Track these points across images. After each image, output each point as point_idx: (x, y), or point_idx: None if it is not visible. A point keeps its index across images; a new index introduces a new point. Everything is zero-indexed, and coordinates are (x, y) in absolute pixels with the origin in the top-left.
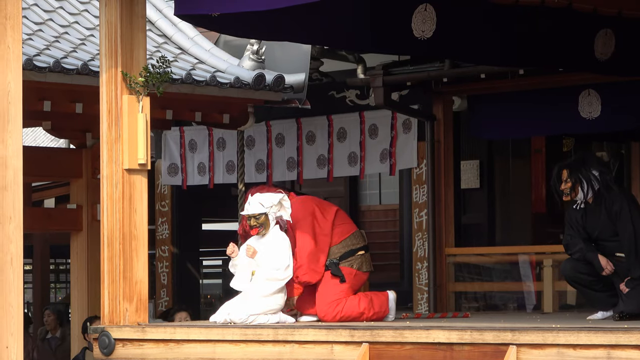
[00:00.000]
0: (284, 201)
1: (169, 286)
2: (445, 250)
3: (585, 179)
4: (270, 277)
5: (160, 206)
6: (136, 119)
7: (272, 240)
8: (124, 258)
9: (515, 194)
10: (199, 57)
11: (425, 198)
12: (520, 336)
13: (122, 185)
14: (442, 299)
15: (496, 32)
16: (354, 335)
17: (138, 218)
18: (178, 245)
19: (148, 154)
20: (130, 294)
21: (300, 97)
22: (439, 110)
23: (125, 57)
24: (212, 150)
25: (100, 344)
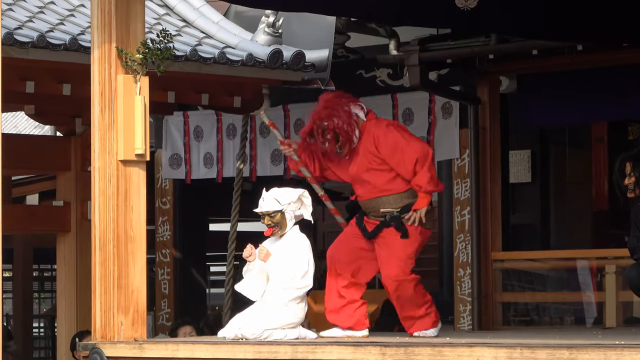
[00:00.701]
0: (305, 197)
1: (170, 296)
2: (492, 255)
3: None
4: (287, 286)
5: (161, 203)
6: (133, 102)
7: (290, 243)
8: (118, 263)
9: (572, 190)
10: (206, 30)
11: (469, 194)
12: (579, 354)
13: (116, 179)
14: (487, 311)
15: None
16: (385, 353)
17: (135, 217)
18: (181, 249)
19: (147, 143)
20: (125, 305)
21: (323, 76)
22: (484, 92)
23: (120, 30)
24: (221, 138)
25: None
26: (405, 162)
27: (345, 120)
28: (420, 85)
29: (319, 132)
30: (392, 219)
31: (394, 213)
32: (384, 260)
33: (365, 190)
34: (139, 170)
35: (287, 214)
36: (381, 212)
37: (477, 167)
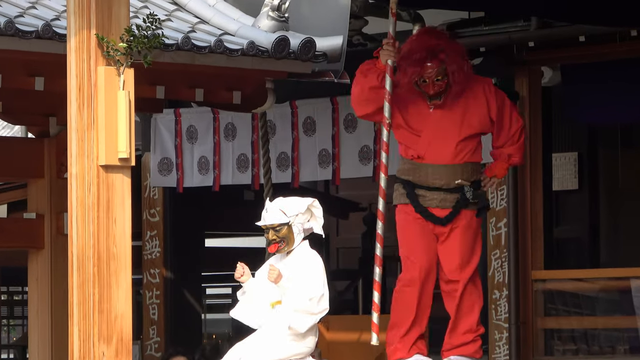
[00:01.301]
0: (314, 208)
1: (160, 322)
2: (532, 274)
3: None
4: (301, 310)
5: (149, 215)
6: (116, 98)
7: (300, 261)
8: (99, 285)
9: (626, 198)
10: (201, 14)
11: (505, 204)
12: None
13: (96, 188)
14: (527, 339)
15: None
16: None
17: (118, 231)
18: (173, 268)
19: (132, 145)
20: (108, 332)
21: (337, 68)
22: (523, 85)
23: (100, 15)
24: (219, 140)
25: None
26: (512, 126)
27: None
28: None
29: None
30: (476, 195)
31: (469, 188)
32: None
33: (447, 152)
34: (123, 177)
35: (295, 227)
36: (455, 183)
37: (516, 172)
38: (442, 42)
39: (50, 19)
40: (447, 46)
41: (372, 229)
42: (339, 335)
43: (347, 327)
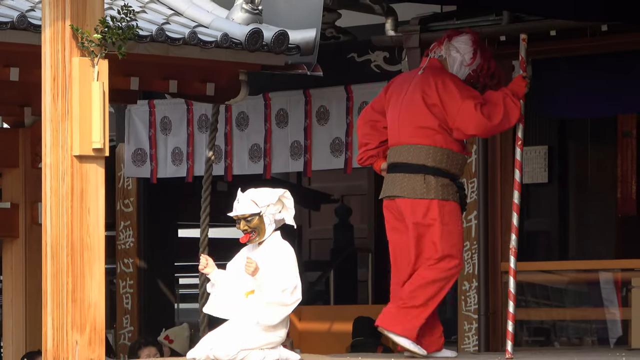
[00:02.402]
0: (286, 199)
1: (134, 312)
2: (502, 266)
3: None
4: (275, 302)
5: (123, 205)
6: (90, 89)
7: (272, 252)
8: (72, 274)
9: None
10: (175, 6)
11: (475, 196)
12: None
13: (70, 178)
14: (496, 331)
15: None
16: None
17: (92, 221)
18: (146, 258)
19: (106, 136)
20: (81, 321)
21: (310, 60)
22: None
23: (75, 6)
24: (192, 131)
25: None
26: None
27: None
28: None
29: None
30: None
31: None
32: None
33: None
34: (96, 168)
35: (266, 217)
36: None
37: (486, 165)
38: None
39: (25, 10)
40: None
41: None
42: (310, 325)
43: (318, 317)
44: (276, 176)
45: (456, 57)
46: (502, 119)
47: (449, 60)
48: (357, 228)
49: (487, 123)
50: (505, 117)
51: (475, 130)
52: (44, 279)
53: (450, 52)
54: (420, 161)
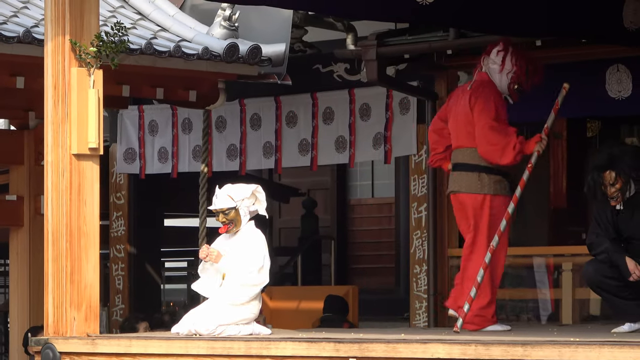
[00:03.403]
0: (258, 193)
1: (124, 292)
2: (448, 252)
3: (635, 172)
4: (244, 282)
5: (115, 198)
6: (87, 95)
7: (245, 239)
8: (71, 258)
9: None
10: (162, 23)
11: (425, 190)
12: (533, 351)
13: (69, 174)
14: (443, 309)
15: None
16: (339, 349)
17: (88, 212)
18: (136, 244)
19: (100, 136)
20: (78, 300)
21: (280, 71)
22: (442, 87)
23: (74, 22)
24: (176, 133)
25: (43, 358)
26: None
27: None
28: (378, 81)
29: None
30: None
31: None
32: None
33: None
34: (92, 165)
35: (242, 210)
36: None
37: None
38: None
39: (30, 26)
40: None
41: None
42: (281, 304)
43: (288, 296)
44: (250, 172)
45: (494, 68)
46: (498, 151)
47: (490, 72)
48: (322, 218)
49: (486, 144)
50: (500, 152)
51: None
52: (46, 263)
53: (489, 64)
54: (475, 161)
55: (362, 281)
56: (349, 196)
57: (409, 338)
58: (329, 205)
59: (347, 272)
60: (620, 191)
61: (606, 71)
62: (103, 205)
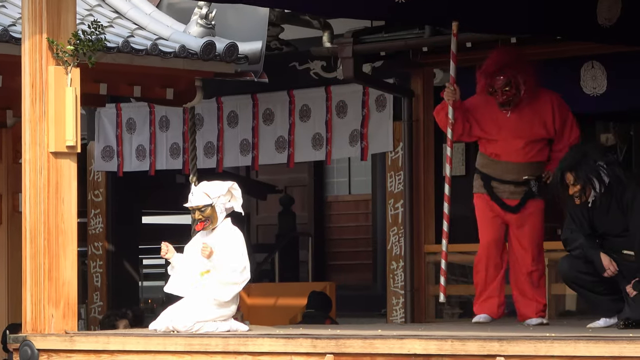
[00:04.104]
0: (234, 190)
1: (103, 289)
2: (425, 248)
3: (595, 175)
4: (227, 281)
5: (93, 196)
6: (64, 93)
7: (223, 237)
8: (49, 256)
9: None
10: (138, 22)
11: (402, 187)
12: (509, 347)
13: (47, 171)
14: (420, 305)
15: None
16: (316, 345)
17: (66, 209)
18: (114, 242)
19: (78, 134)
20: (56, 297)
21: (257, 69)
22: (418, 85)
23: (51, 21)
24: (154, 130)
25: (21, 356)
26: (571, 136)
27: (532, 78)
28: (354, 78)
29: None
30: (540, 189)
31: (535, 182)
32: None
33: (518, 151)
34: (70, 162)
35: (218, 207)
36: (523, 178)
37: (411, 160)
38: (511, 59)
39: (7, 25)
40: (515, 62)
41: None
42: (258, 300)
43: (265, 293)
44: (227, 170)
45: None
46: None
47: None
48: (299, 215)
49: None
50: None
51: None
52: (24, 260)
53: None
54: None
55: (339, 278)
56: (326, 193)
57: (386, 334)
58: (306, 202)
59: (325, 268)
60: (580, 192)
61: (581, 68)
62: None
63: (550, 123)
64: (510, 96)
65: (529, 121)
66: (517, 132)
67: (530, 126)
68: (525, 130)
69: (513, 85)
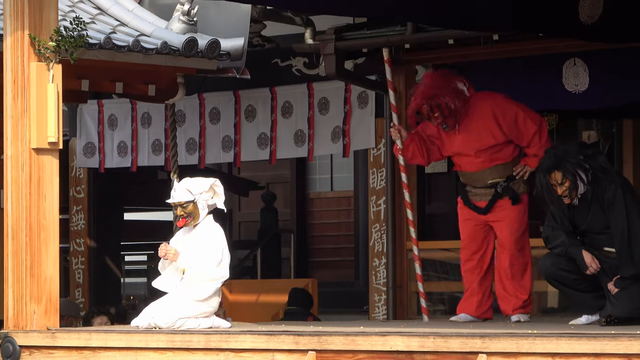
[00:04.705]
0: (217, 186)
1: (85, 285)
2: (407, 245)
3: (582, 169)
4: (204, 278)
5: (75, 192)
6: (46, 90)
7: (203, 233)
8: (31, 252)
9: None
10: (120, 18)
11: (384, 184)
12: (491, 343)
13: (29, 168)
14: (402, 301)
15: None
16: (298, 342)
17: (48, 206)
18: (96, 238)
19: (60, 131)
20: (38, 293)
21: (239, 65)
22: (400, 81)
23: (33, 17)
24: (136, 127)
25: (3, 352)
26: (528, 131)
27: (454, 97)
28: (336, 75)
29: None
30: (505, 189)
31: (502, 183)
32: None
33: (472, 161)
34: (52, 159)
35: (200, 203)
36: (489, 182)
37: (393, 156)
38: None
39: None
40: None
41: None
42: (240, 297)
43: (247, 289)
44: (210, 166)
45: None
46: None
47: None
48: (281, 212)
49: None
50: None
51: None
52: (6, 256)
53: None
54: None
55: (321, 274)
56: (308, 189)
57: (368, 331)
58: (288, 198)
59: (307, 265)
60: (570, 189)
61: (563, 65)
62: (63, 199)
63: (496, 129)
64: (442, 119)
65: (475, 132)
66: (465, 146)
67: (477, 137)
68: (473, 142)
69: (436, 109)
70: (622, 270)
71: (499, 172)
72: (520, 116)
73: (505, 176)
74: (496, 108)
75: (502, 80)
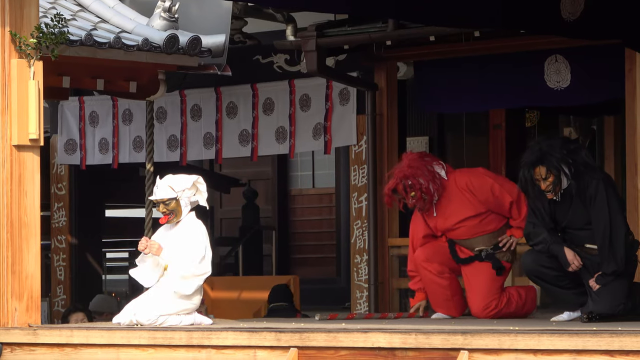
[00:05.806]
0: (199, 184)
1: (66, 282)
2: (388, 241)
3: (565, 163)
4: (187, 274)
5: (57, 189)
6: (27, 87)
7: (185, 230)
8: (12, 249)
9: None
10: (101, 15)
11: (366, 181)
12: (473, 340)
13: (10, 165)
14: (384, 298)
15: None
16: (280, 339)
17: (29, 202)
18: (77, 235)
19: (41, 128)
20: (19, 290)
21: (220, 62)
22: (382, 78)
23: (14, 14)
24: (117, 124)
25: None
26: (503, 204)
27: (429, 179)
28: (318, 71)
29: (404, 189)
30: (488, 256)
31: (489, 250)
32: (474, 291)
33: (458, 233)
34: (33, 156)
35: (182, 200)
36: (476, 250)
37: (375, 153)
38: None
39: None
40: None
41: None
42: (222, 294)
43: (229, 286)
44: (191, 163)
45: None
46: None
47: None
48: (263, 209)
49: None
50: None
51: None
52: None
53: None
54: None
55: (303, 271)
56: (290, 186)
57: (350, 327)
58: (269, 195)
59: (289, 262)
60: (554, 184)
61: (544, 62)
62: (44, 196)
63: (474, 200)
64: (420, 200)
65: (453, 209)
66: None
67: (457, 213)
68: (452, 218)
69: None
70: (604, 266)
71: (487, 240)
72: (495, 188)
73: (492, 244)
74: (470, 184)
75: (483, 77)
